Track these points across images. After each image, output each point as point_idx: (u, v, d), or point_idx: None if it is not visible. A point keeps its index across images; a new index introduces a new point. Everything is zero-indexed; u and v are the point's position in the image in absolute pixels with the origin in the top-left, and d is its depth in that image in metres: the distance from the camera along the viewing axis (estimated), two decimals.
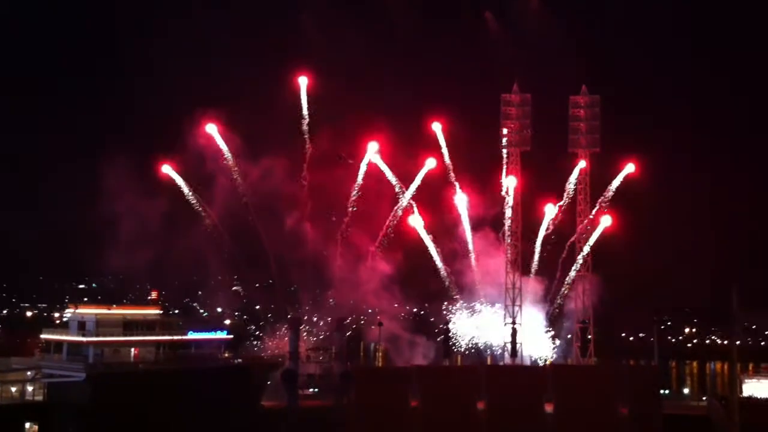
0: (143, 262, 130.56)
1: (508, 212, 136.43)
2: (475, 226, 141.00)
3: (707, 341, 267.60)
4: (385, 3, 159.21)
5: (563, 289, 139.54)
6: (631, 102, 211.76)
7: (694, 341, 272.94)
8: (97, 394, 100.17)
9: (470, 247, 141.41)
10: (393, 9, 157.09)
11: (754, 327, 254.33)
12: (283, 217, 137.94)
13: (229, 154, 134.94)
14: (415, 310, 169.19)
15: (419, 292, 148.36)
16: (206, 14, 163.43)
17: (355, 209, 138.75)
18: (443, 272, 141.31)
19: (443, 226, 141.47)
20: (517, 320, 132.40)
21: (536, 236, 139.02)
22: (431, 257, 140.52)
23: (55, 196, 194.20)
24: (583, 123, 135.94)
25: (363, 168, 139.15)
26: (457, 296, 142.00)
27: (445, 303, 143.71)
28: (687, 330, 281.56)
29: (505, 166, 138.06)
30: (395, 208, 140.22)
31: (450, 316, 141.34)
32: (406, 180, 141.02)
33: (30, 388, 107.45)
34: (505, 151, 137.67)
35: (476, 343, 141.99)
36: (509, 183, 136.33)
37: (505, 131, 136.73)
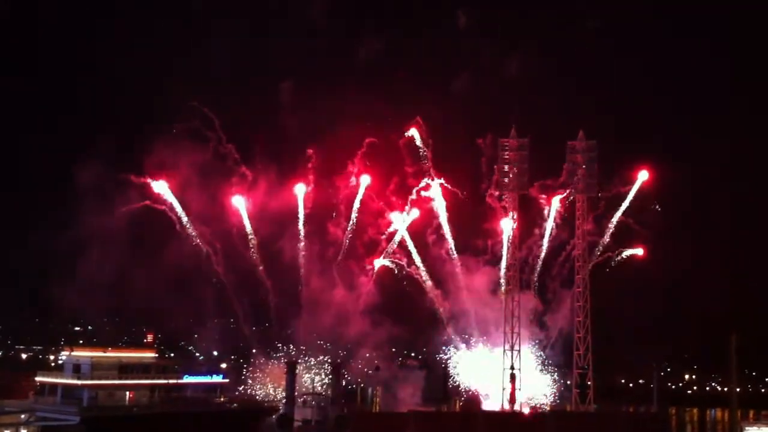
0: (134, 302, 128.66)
1: (504, 255, 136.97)
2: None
3: (707, 388, 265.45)
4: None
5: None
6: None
7: (694, 388, 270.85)
8: None
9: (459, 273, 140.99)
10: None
11: (754, 374, 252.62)
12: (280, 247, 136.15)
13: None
14: (412, 354, 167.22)
15: (409, 322, 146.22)
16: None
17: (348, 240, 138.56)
18: (435, 304, 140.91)
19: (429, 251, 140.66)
20: (515, 365, 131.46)
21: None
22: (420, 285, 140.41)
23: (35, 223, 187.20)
24: (580, 168, 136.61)
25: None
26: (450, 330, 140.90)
27: (443, 346, 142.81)
28: (687, 376, 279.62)
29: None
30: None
31: (445, 353, 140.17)
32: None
33: (24, 431, 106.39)
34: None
35: (472, 389, 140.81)
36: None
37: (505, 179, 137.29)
